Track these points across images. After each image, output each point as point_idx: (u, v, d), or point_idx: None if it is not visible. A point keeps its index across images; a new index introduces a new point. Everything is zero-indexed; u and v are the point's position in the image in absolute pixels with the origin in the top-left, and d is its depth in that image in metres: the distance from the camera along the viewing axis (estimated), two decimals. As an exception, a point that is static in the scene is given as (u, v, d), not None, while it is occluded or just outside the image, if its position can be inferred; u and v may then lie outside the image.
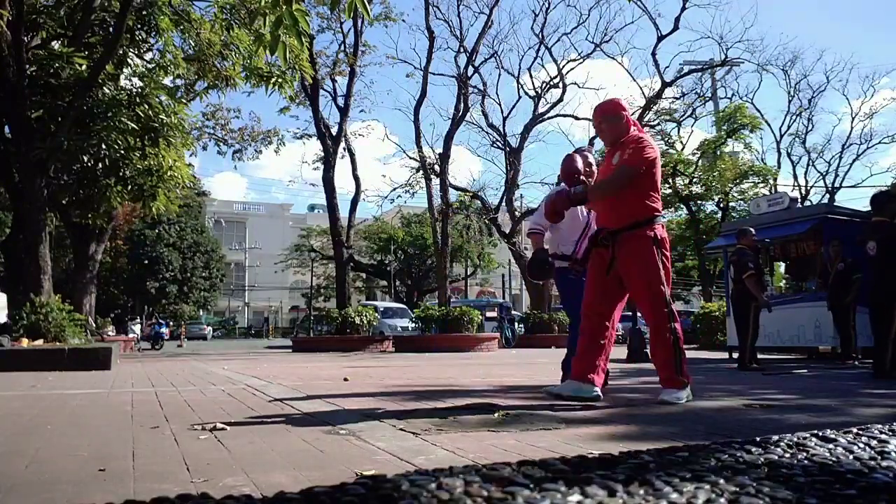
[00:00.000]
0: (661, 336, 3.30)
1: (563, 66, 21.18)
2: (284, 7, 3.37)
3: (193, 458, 1.90)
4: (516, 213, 21.72)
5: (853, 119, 32.11)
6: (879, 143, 29.66)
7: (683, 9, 19.69)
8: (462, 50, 21.00)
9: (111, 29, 10.01)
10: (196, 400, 3.66)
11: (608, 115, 3.51)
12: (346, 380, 5.03)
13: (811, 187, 29.48)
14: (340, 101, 19.24)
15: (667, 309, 3.28)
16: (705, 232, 26.43)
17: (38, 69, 9.74)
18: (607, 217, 3.46)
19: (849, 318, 7.73)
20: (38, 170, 9.24)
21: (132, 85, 10.31)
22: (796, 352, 9.63)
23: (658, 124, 22.50)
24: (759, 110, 26.56)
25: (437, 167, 20.17)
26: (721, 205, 26.40)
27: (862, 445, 1.79)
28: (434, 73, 21.77)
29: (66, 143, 8.93)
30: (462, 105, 20.61)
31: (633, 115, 4.10)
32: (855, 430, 2.08)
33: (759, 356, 7.95)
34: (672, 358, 3.29)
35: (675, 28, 19.83)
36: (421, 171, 20.88)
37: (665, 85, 20.36)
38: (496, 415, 2.83)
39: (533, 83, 22.68)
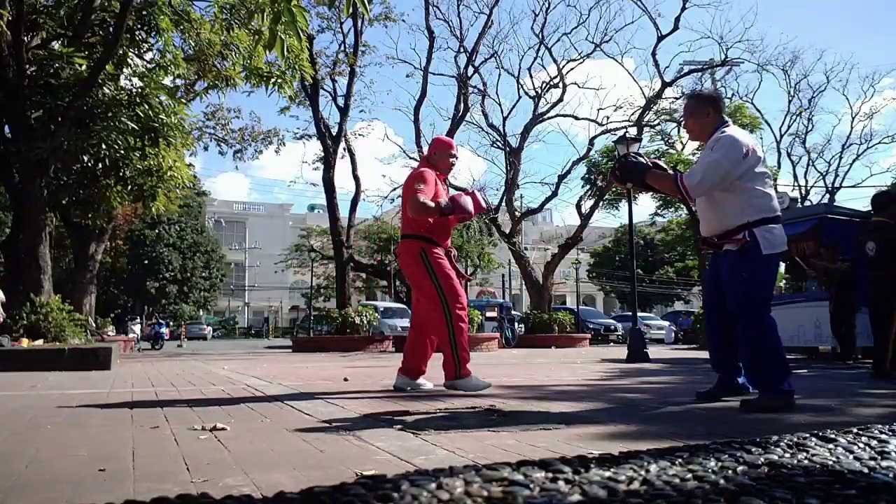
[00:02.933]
0: None
1: (563, 67, 21.17)
2: (283, 3, 3.35)
3: (193, 458, 1.90)
4: (516, 213, 21.69)
5: (853, 119, 32.03)
6: (879, 143, 29.73)
7: (683, 9, 19.68)
8: (462, 50, 21.00)
9: (111, 29, 9.99)
10: (196, 400, 3.66)
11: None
12: (346, 380, 5.02)
13: (811, 187, 29.48)
14: (340, 101, 19.27)
15: None
16: (705, 232, 26.37)
17: (38, 69, 9.73)
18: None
19: (849, 318, 7.73)
20: (38, 170, 9.23)
21: (132, 85, 10.30)
22: (796, 352, 9.62)
23: (658, 124, 22.42)
24: (759, 110, 26.50)
25: (436, 167, 20.11)
26: (721, 205, 26.34)
27: (862, 445, 1.79)
28: (434, 73, 21.77)
29: (66, 143, 8.93)
30: (462, 105, 20.60)
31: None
32: (855, 430, 2.08)
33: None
34: None
35: (675, 28, 19.80)
36: (421, 171, 20.83)
37: (665, 85, 20.32)
38: (496, 415, 2.83)
39: (533, 83, 22.59)
